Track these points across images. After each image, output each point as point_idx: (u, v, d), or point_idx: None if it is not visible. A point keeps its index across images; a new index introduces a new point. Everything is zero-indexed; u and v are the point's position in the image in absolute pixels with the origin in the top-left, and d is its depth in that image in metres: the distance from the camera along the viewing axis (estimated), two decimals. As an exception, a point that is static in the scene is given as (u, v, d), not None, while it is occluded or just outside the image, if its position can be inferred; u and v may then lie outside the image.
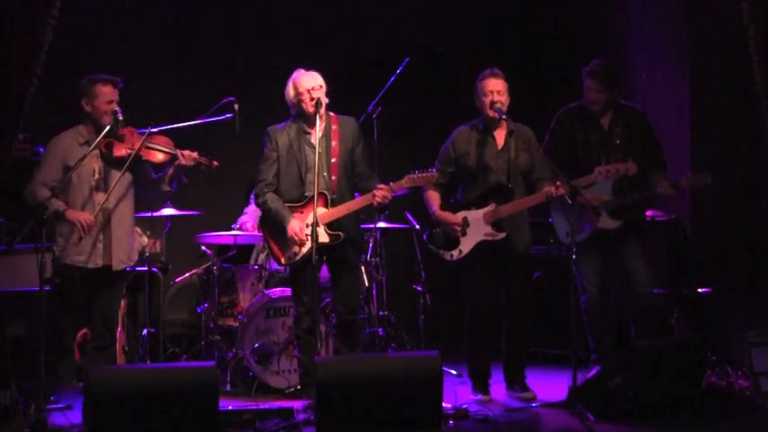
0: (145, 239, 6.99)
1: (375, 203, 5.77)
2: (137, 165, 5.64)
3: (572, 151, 6.13)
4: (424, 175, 5.78)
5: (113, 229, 5.60)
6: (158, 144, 5.65)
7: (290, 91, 5.87)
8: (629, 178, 5.93)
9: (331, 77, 5.97)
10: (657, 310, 6.23)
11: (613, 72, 6.21)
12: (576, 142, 6.15)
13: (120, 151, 5.53)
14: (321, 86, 5.82)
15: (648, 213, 6.49)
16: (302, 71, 5.87)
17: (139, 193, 5.77)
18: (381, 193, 5.73)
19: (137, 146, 5.54)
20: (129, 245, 5.72)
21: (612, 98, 6.16)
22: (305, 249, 5.74)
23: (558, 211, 6.21)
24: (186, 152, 5.63)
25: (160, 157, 5.64)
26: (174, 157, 5.63)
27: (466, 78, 6.17)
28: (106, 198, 5.51)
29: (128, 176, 5.65)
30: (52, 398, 5.76)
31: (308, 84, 5.80)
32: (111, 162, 5.56)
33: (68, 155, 5.54)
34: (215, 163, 5.74)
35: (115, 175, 5.56)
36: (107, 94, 5.58)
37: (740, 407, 5.72)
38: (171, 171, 5.68)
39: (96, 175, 5.56)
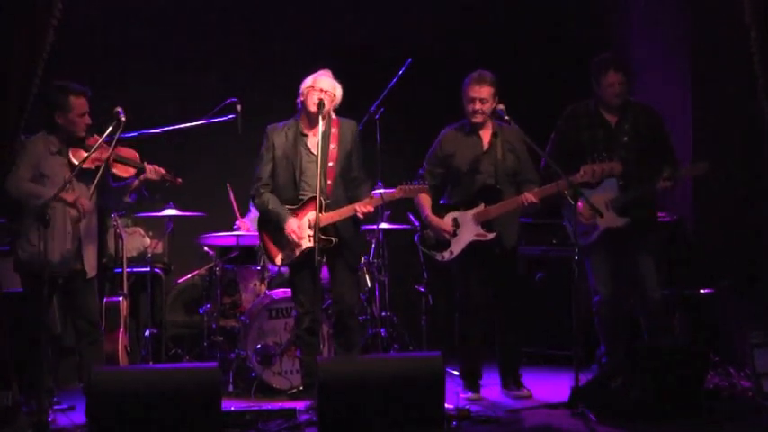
0: (147, 240, 6.99)
1: (360, 215, 5.79)
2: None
3: (578, 149, 6.00)
4: (415, 186, 5.82)
5: (82, 236, 5.57)
6: (126, 157, 5.58)
7: (306, 82, 5.83)
8: (635, 175, 5.91)
9: (332, 78, 5.95)
10: (667, 314, 6.17)
11: (629, 64, 6.14)
12: (582, 140, 6.06)
13: (88, 163, 5.43)
14: (335, 96, 5.80)
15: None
16: (328, 72, 5.84)
17: (99, 201, 5.70)
18: (364, 208, 5.74)
19: (104, 158, 5.45)
20: (94, 252, 5.69)
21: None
22: (299, 251, 5.77)
23: (568, 212, 6.14)
24: (154, 167, 5.59)
25: (128, 171, 5.58)
26: (140, 171, 5.58)
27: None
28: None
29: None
30: (54, 399, 5.76)
31: (323, 85, 5.78)
32: (79, 173, 5.45)
33: (42, 162, 5.49)
34: (179, 180, 5.70)
35: (82, 184, 5.50)
36: (81, 107, 5.51)
37: (742, 408, 5.71)
38: (136, 183, 5.63)
39: (68, 185, 5.43)
